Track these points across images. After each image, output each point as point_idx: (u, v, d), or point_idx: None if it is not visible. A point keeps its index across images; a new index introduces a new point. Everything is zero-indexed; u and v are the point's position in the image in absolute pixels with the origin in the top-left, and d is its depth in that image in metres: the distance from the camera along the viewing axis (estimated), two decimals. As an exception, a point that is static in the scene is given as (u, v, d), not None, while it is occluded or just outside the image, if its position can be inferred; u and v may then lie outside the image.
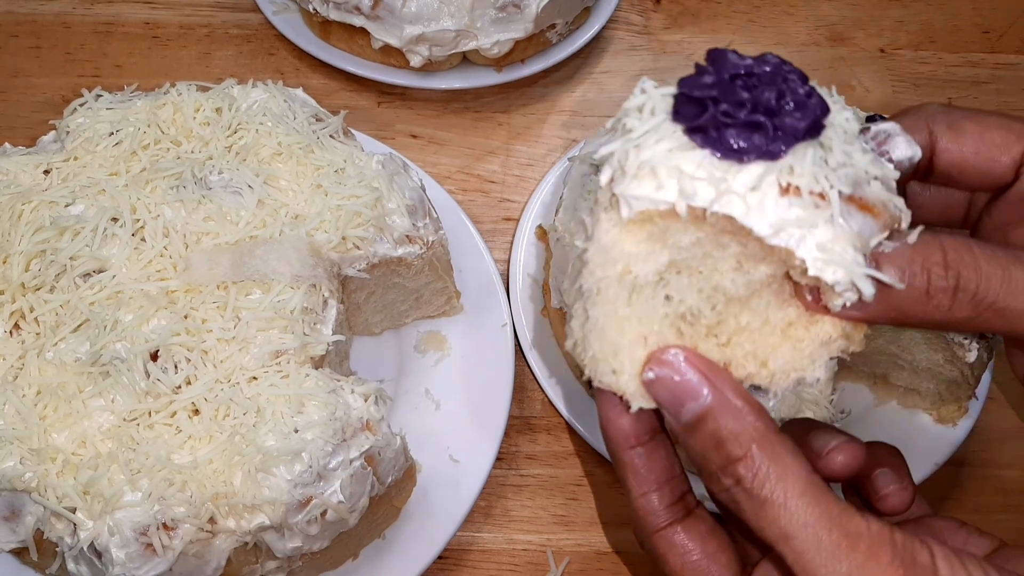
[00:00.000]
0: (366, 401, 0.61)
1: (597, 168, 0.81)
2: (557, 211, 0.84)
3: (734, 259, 0.39)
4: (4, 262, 0.62)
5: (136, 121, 0.70)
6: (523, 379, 0.81)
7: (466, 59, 0.99)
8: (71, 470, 0.56)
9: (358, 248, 0.67)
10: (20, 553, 0.61)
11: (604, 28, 1.06)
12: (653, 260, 0.40)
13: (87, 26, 1.05)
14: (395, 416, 0.75)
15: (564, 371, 0.81)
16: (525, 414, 0.82)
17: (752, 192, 0.36)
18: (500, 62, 0.99)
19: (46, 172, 0.68)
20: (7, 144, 0.72)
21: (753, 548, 0.47)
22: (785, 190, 0.36)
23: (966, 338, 0.71)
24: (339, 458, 0.58)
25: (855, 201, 0.37)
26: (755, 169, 0.36)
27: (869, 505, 0.47)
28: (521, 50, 0.98)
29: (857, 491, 0.49)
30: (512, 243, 0.87)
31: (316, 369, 0.61)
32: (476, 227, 0.85)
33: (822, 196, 0.36)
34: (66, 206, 0.65)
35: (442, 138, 0.99)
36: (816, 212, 0.36)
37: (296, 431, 0.57)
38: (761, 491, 0.38)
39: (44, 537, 0.57)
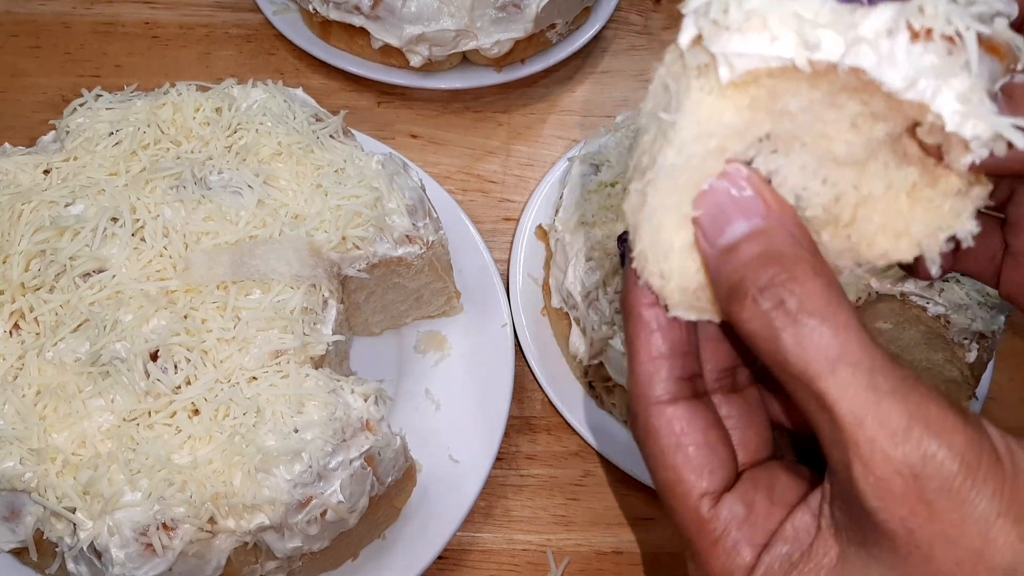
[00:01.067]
0: (366, 401, 0.61)
1: (597, 168, 0.81)
2: (557, 211, 0.84)
3: (848, 121, 0.34)
4: (4, 262, 0.62)
5: (136, 121, 0.70)
6: (523, 379, 0.81)
7: (466, 59, 0.99)
8: (71, 470, 0.56)
9: (358, 248, 0.67)
10: (20, 553, 0.61)
11: (604, 28, 1.06)
12: (752, 133, 0.34)
13: (87, 26, 1.04)
14: (395, 416, 0.75)
15: (564, 371, 0.81)
16: (525, 414, 0.82)
17: (884, 38, 0.31)
18: (500, 62, 0.99)
19: (46, 172, 0.68)
20: (7, 144, 0.72)
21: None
22: (915, 35, 0.31)
23: (965, 338, 0.72)
24: (339, 458, 0.58)
25: (984, 43, 0.32)
26: (885, 11, 0.31)
27: None
28: (521, 50, 0.98)
29: None
30: (512, 243, 0.87)
31: (316, 369, 0.61)
32: (476, 227, 0.85)
33: (952, 40, 0.31)
34: (66, 206, 0.65)
35: (442, 138, 0.99)
36: (950, 59, 0.31)
37: (296, 431, 0.57)
38: (810, 314, 0.31)
39: (44, 537, 0.57)
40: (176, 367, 0.59)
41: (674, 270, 0.36)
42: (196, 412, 0.58)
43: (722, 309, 0.35)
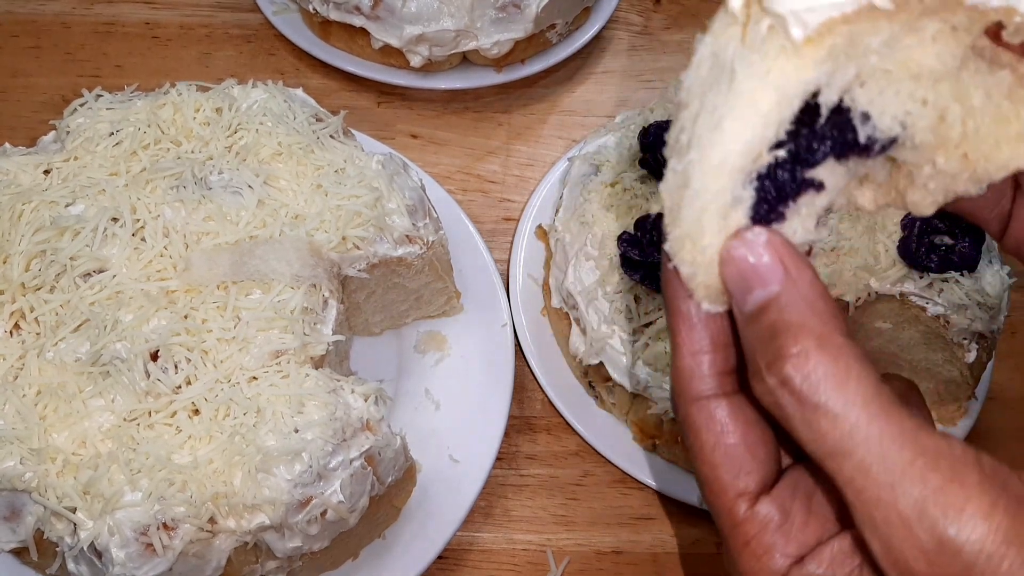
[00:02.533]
0: (366, 401, 0.61)
1: (597, 168, 0.81)
2: (557, 211, 0.84)
3: (929, 38, 0.33)
4: (4, 262, 0.62)
5: (136, 121, 0.70)
6: (523, 379, 0.81)
7: (466, 59, 0.99)
8: (71, 470, 0.56)
9: (358, 248, 0.67)
10: (20, 553, 0.61)
11: (604, 28, 1.06)
12: (838, 81, 0.32)
13: (87, 26, 1.04)
14: (395, 416, 0.75)
15: (564, 371, 0.81)
16: (525, 414, 0.82)
17: None
18: (500, 62, 0.99)
19: (46, 172, 0.68)
20: (7, 144, 0.72)
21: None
22: None
23: (965, 338, 0.72)
24: (339, 458, 0.58)
25: None
26: None
27: None
28: (521, 50, 0.98)
29: None
30: (512, 243, 0.87)
31: (316, 369, 0.61)
32: (476, 227, 0.85)
33: None
34: (66, 206, 0.65)
35: (442, 138, 0.99)
36: None
37: (296, 431, 0.57)
38: (813, 395, 0.32)
39: (44, 537, 0.57)
40: (176, 367, 0.59)
41: (707, 263, 0.35)
42: (196, 412, 0.58)
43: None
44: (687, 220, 0.34)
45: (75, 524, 0.55)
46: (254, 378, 0.59)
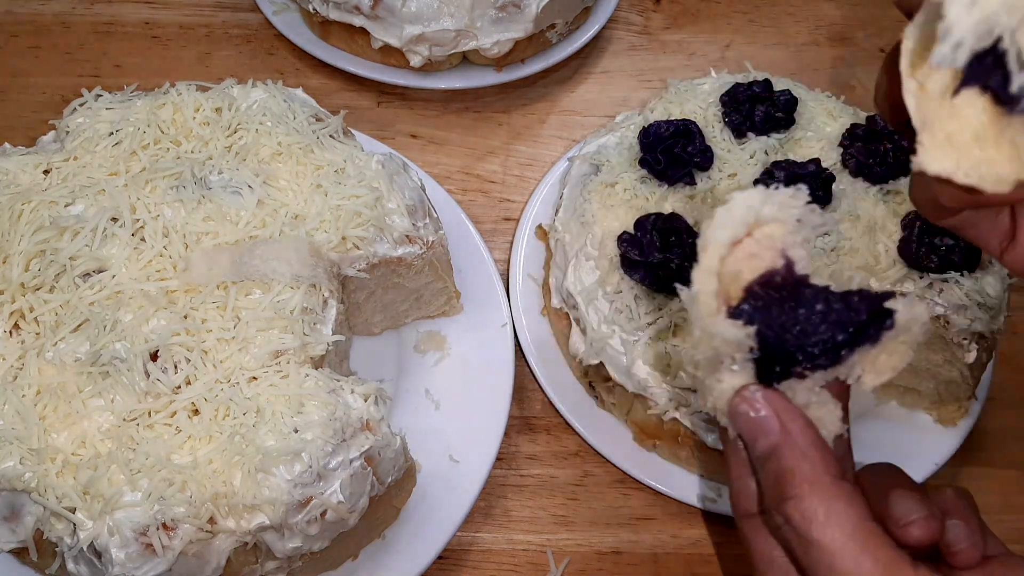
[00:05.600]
0: (366, 401, 0.61)
1: (597, 168, 0.81)
2: (557, 211, 0.84)
3: None
4: (4, 262, 0.62)
5: (136, 121, 0.70)
6: (523, 379, 0.81)
7: (466, 59, 0.99)
8: (71, 470, 0.56)
9: (358, 248, 0.67)
10: (20, 553, 0.61)
11: (604, 28, 1.06)
12: None
13: (87, 26, 1.04)
14: (395, 416, 0.75)
15: (564, 371, 0.81)
16: (525, 414, 0.82)
17: None
18: (500, 62, 0.99)
19: (46, 172, 0.68)
20: (7, 144, 0.72)
21: None
22: None
23: (965, 339, 0.71)
24: (339, 458, 0.58)
25: None
26: None
27: (939, 556, 0.46)
28: (521, 50, 0.98)
29: None
30: (512, 243, 0.87)
31: (316, 369, 0.61)
32: (476, 227, 0.84)
33: None
34: (66, 206, 0.65)
35: (442, 138, 0.99)
36: None
37: (296, 431, 0.57)
38: (807, 532, 0.39)
39: (44, 537, 0.57)
40: (176, 367, 0.59)
41: (724, 408, 0.45)
42: (196, 412, 0.58)
43: None
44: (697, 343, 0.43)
45: (75, 524, 0.54)
46: (254, 378, 0.59)
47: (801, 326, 0.42)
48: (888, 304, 0.43)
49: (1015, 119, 0.34)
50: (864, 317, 0.42)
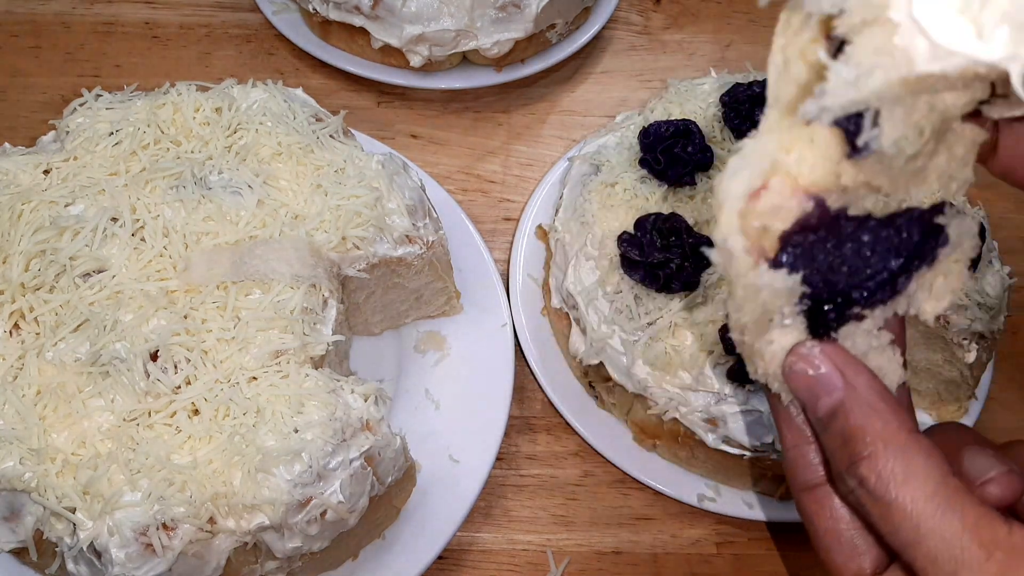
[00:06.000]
0: (366, 401, 0.61)
1: (597, 168, 0.81)
2: (557, 211, 0.84)
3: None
4: (4, 262, 0.62)
5: (136, 121, 0.70)
6: (523, 379, 0.81)
7: (466, 59, 0.99)
8: (71, 470, 0.55)
9: (358, 248, 0.67)
10: (20, 553, 0.61)
11: (604, 28, 1.06)
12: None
13: (87, 26, 1.04)
14: (395, 416, 0.75)
15: (564, 371, 0.81)
16: (525, 414, 0.82)
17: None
18: (500, 62, 0.99)
19: (46, 172, 0.68)
20: (7, 144, 0.72)
21: None
22: None
23: (965, 338, 0.71)
24: (339, 458, 0.58)
25: None
26: None
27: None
28: (521, 50, 0.98)
29: None
30: (512, 243, 0.87)
31: (316, 369, 0.61)
32: (476, 227, 0.84)
33: None
34: (66, 206, 0.65)
35: (442, 138, 0.99)
36: None
37: (296, 431, 0.57)
38: (885, 493, 0.36)
39: (44, 537, 0.57)
40: (176, 367, 0.59)
41: (775, 372, 0.40)
42: (196, 412, 0.58)
43: None
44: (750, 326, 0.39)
45: (75, 524, 0.54)
46: (254, 378, 0.59)
47: (851, 262, 0.39)
48: (938, 220, 0.40)
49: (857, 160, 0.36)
50: (917, 238, 0.39)
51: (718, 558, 0.76)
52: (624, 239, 0.73)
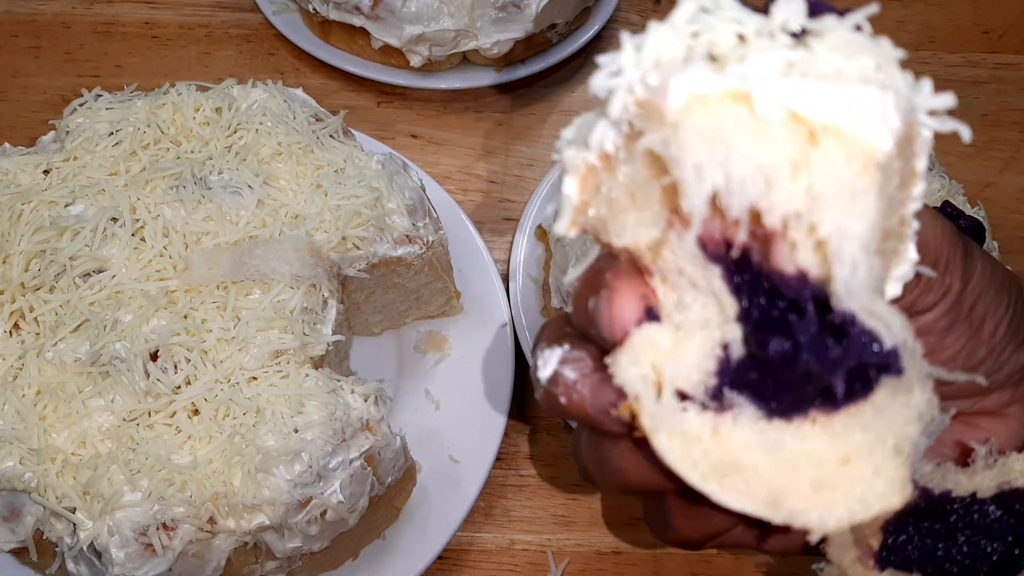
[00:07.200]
0: (366, 401, 0.61)
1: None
2: (557, 211, 0.84)
3: None
4: (4, 262, 0.62)
5: (136, 121, 0.70)
6: (523, 379, 0.81)
7: (466, 59, 0.99)
8: (71, 470, 0.56)
9: (358, 248, 0.67)
10: (20, 553, 0.61)
11: (604, 28, 1.06)
12: None
13: (87, 26, 1.04)
14: (395, 416, 0.75)
15: (564, 371, 0.80)
16: (525, 414, 0.82)
17: None
18: (500, 62, 0.99)
19: (46, 172, 0.68)
20: (7, 144, 0.72)
21: None
22: None
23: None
24: (339, 458, 0.58)
25: None
26: None
27: None
28: (521, 50, 0.98)
29: None
30: (512, 243, 0.87)
31: (316, 369, 0.61)
32: (476, 227, 0.85)
33: None
34: (66, 206, 0.65)
35: (442, 138, 0.99)
36: None
37: (296, 431, 0.57)
38: None
39: (44, 537, 0.57)
40: (176, 367, 0.59)
41: None
42: (196, 412, 0.58)
43: None
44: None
45: (75, 524, 0.55)
46: (254, 378, 0.59)
47: (964, 550, 0.37)
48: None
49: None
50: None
51: (718, 558, 0.76)
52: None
